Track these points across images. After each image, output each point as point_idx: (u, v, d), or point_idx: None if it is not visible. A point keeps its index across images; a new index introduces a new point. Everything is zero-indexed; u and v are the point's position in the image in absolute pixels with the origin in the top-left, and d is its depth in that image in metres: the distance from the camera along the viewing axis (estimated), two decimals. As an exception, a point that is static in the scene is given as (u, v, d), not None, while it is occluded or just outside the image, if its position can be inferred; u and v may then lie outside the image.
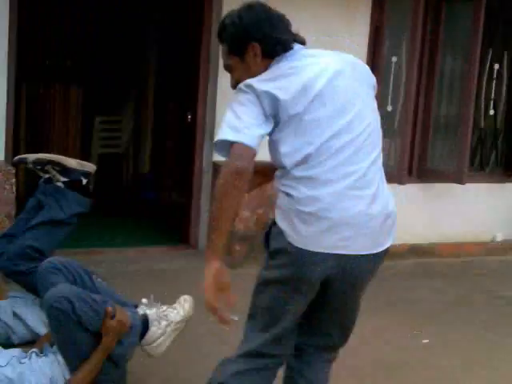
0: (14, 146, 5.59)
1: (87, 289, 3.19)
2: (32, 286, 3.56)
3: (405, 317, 4.90)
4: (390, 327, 4.69)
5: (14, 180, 5.01)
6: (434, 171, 6.88)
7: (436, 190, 6.87)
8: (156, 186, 8.15)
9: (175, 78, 7.49)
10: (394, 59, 6.56)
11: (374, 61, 6.32)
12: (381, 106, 6.41)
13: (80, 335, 3.02)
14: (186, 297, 3.40)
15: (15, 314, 3.79)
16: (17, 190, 5.09)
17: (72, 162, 3.88)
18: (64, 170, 3.84)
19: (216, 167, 5.98)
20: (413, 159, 6.85)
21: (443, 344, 4.46)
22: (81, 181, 3.88)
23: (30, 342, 3.68)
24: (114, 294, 3.37)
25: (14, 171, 5.03)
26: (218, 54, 5.59)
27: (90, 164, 4.02)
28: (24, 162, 4.02)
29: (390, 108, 6.61)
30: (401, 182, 6.45)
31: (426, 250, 6.71)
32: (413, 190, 6.74)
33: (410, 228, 6.56)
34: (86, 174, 3.93)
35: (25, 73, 6.87)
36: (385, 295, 5.24)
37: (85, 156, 7.12)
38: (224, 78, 5.68)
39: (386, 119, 6.57)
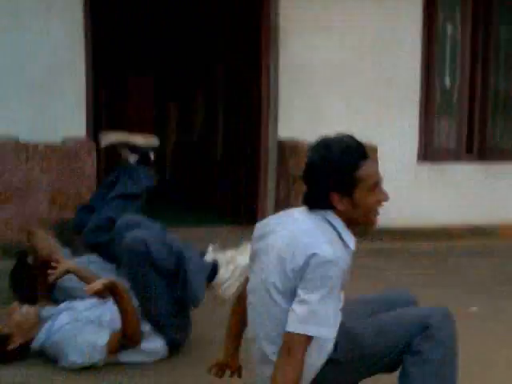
0: (94, 129, 6.09)
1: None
2: (110, 255, 3.94)
3: (460, 288, 5.11)
4: (442, 295, 4.90)
5: (94, 155, 5.48)
6: (494, 149, 6.98)
7: (497, 169, 7.00)
8: (228, 172, 8.51)
9: (241, 63, 7.86)
10: (450, 31, 6.71)
11: (429, 34, 6.45)
12: (437, 81, 6.67)
13: (153, 277, 3.39)
14: None
15: None
16: (98, 165, 5.58)
17: (139, 140, 4.27)
18: (133, 147, 4.24)
19: (281, 145, 6.36)
20: (473, 137, 7.00)
21: (492, 312, 4.58)
22: (148, 155, 4.27)
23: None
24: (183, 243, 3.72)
25: (95, 147, 5.51)
26: (279, 28, 6.01)
27: (153, 138, 4.40)
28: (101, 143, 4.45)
29: (447, 83, 6.77)
30: (459, 160, 6.63)
31: (487, 230, 6.83)
32: (472, 168, 6.91)
33: (470, 208, 6.76)
34: (152, 148, 4.32)
35: (103, 63, 7.38)
36: (442, 270, 5.51)
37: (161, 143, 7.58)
38: (285, 57, 6.15)
39: (443, 96, 6.78)
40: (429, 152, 6.86)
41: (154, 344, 3.49)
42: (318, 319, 2.38)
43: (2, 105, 5.53)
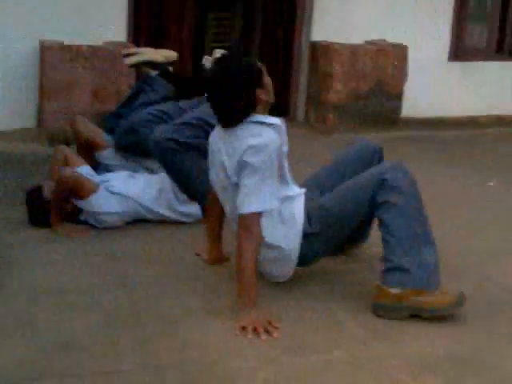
0: (134, 33, 6.38)
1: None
2: (142, 151, 4.24)
3: (480, 168, 5.46)
4: (464, 173, 5.25)
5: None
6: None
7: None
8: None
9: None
10: None
11: None
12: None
13: (186, 162, 3.78)
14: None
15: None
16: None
17: (159, 58, 4.59)
18: (155, 65, 4.58)
19: (313, 46, 6.59)
20: (504, 39, 7.15)
21: (506, 185, 5.01)
22: (167, 70, 4.61)
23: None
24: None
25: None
26: None
27: (172, 53, 4.70)
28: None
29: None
30: (488, 59, 6.81)
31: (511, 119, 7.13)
32: (501, 65, 7.10)
33: (498, 100, 7.03)
34: (171, 63, 4.66)
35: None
36: (467, 153, 5.84)
37: (199, 50, 7.85)
38: None
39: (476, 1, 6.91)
40: (460, 51, 7.04)
41: (191, 208, 3.93)
42: (259, 197, 2.82)
43: (48, 11, 5.83)
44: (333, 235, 3.06)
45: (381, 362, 2.54)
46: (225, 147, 2.95)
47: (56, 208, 3.78)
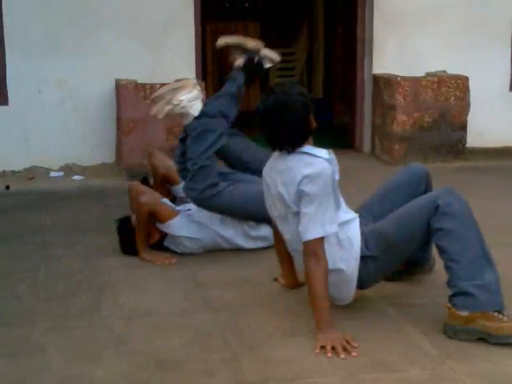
0: (202, 76, 6.71)
1: None
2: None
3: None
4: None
5: (203, 92, 6.09)
6: None
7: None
8: (329, 108, 9.03)
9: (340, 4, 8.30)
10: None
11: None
12: None
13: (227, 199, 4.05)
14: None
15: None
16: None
17: (249, 44, 4.59)
18: (244, 49, 4.68)
19: (375, 79, 6.80)
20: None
21: None
22: (254, 57, 4.59)
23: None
24: None
25: (203, 84, 6.13)
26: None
27: (260, 43, 4.60)
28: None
29: None
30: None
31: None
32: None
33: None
34: (258, 52, 4.71)
35: (209, 13, 7.97)
36: None
37: (265, 85, 8.15)
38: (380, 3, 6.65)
39: None
40: (521, 81, 7.16)
41: (264, 231, 4.11)
42: (320, 223, 3.01)
43: (124, 54, 6.23)
44: (390, 259, 3.23)
45: (455, 379, 2.70)
46: (280, 178, 3.14)
47: (140, 235, 4.05)
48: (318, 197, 3.02)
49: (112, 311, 3.31)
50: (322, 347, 2.90)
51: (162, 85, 5.93)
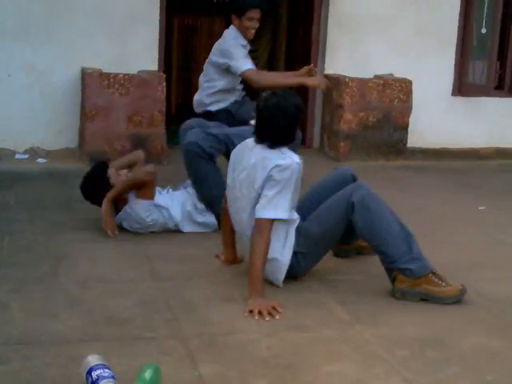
0: (165, 65, 7.08)
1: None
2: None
3: (475, 194, 6.08)
4: (461, 199, 5.88)
5: (164, 84, 6.50)
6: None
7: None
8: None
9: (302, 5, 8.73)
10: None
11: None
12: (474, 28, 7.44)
13: (205, 169, 4.46)
14: None
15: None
16: (167, 91, 6.60)
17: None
18: None
19: (327, 79, 7.24)
20: (504, 76, 7.78)
21: (495, 209, 5.61)
22: None
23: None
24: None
25: (164, 76, 6.53)
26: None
27: None
28: None
29: (484, 30, 7.55)
30: (489, 95, 7.46)
31: (509, 152, 7.75)
32: (501, 101, 7.73)
33: (498, 135, 7.65)
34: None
35: (175, 7, 8.35)
36: (466, 182, 6.53)
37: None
38: (336, 4, 7.09)
39: (478, 41, 7.55)
40: (462, 87, 7.66)
41: (208, 219, 4.56)
42: (274, 207, 3.49)
43: (91, 44, 6.57)
44: (317, 252, 3.77)
45: (361, 338, 3.17)
46: (253, 165, 3.57)
47: (119, 190, 4.35)
48: (281, 184, 3.48)
49: (69, 277, 3.72)
50: (251, 311, 3.35)
51: (126, 75, 6.36)
